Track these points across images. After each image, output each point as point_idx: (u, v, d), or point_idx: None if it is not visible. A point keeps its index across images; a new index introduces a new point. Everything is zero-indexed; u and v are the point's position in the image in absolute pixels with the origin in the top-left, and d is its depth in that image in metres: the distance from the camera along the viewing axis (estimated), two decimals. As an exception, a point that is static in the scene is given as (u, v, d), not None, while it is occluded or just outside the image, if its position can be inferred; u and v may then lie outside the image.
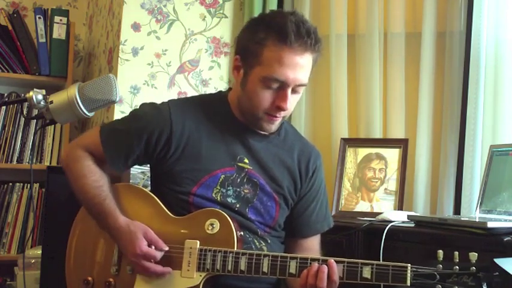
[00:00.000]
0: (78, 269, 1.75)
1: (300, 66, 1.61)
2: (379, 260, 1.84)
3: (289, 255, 1.57)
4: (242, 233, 1.67)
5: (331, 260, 1.53)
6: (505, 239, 1.68)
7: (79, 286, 1.72)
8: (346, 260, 1.52)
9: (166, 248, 1.61)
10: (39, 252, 2.54)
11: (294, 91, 1.65)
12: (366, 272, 1.49)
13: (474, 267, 1.44)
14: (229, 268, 1.58)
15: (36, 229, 3.03)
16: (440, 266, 1.47)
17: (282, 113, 1.67)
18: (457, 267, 1.45)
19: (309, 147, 1.86)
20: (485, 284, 1.43)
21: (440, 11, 2.57)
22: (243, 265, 1.57)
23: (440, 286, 1.45)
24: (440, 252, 1.48)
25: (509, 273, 1.40)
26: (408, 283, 1.46)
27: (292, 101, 1.67)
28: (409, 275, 1.46)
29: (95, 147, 1.74)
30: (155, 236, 1.62)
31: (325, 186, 1.88)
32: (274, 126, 1.71)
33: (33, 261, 2.67)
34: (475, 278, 1.43)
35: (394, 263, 1.49)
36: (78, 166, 1.73)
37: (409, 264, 1.47)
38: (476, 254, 1.46)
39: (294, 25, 1.59)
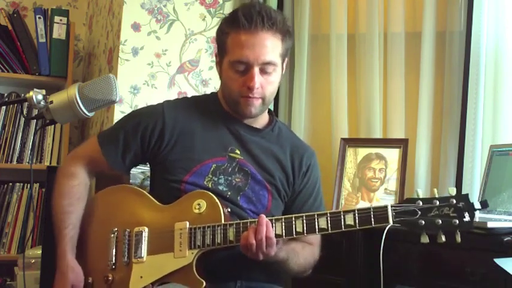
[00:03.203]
0: None
1: (258, 45, 1.70)
2: (380, 262, 1.85)
3: (273, 218, 1.60)
4: (229, 209, 1.70)
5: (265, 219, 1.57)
6: (505, 239, 1.68)
7: None
8: (328, 211, 1.56)
9: None
10: (39, 252, 2.53)
11: (264, 72, 1.72)
12: (349, 219, 1.53)
13: (454, 200, 1.45)
14: (219, 241, 1.61)
15: (36, 229, 3.02)
16: (420, 202, 1.48)
17: (257, 93, 1.72)
18: (437, 202, 1.46)
19: (302, 145, 1.91)
20: (466, 213, 1.44)
21: (440, 11, 2.57)
22: (231, 235, 1.61)
23: (423, 221, 1.46)
24: (419, 190, 1.50)
25: None
26: (391, 222, 1.49)
27: (267, 83, 1.73)
28: (390, 214, 1.49)
29: (94, 153, 1.81)
30: None
31: (321, 185, 1.92)
32: (253, 109, 1.76)
33: (33, 261, 2.66)
34: (456, 208, 1.44)
35: (375, 206, 1.52)
36: (63, 183, 1.80)
37: (389, 204, 1.50)
38: (455, 188, 1.47)
39: (245, 9, 1.73)
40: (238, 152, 1.79)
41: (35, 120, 2.24)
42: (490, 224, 1.73)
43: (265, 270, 1.73)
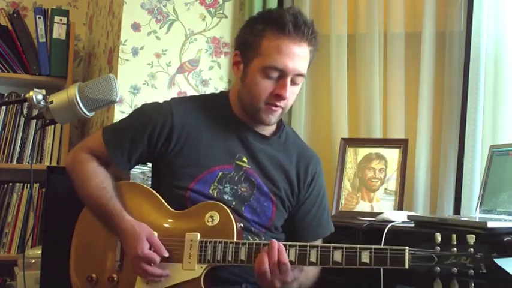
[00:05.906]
0: (81, 266, 1.75)
1: (298, 55, 1.65)
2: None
3: (288, 243, 1.57)
4: (242, 225, 1.67)
5: (279, 244, 1.54)
6: (505, 239, 1.68)
7: (83, 283, 1.72)
8: (344, 245, 1.52)
9: (167, 255, 1.61)
10: (39, 252, 2.54)
11: (293, 82, 1.68)
12: (365, 257, 1.50)
13: (472, 249, 1.44)
14: (230, 258, 1.58)
15: (36, 229, 3.03)
16: (438, 248, 1.47)
17: (282, 103, 1.68)
18: (455, 249, 1.45)
19: (309, 153, 1.87)
20: (483, 265, 1.42)
21: (440, 11, 2.57)
22: (243, 255, 1.58)
23: (438, 268, 1.45)
24: (438, 235, 1.48)
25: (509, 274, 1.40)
26: (406, 266, 1.47)
27: (292, 93, 1.69)
28: (407, 257, 1.47)
29: (99, 148, 1.76)
30: (158, 241, 1.62)
31: (326, 192, 1.89)
32: (273, 118, 1.71)
33: (33, 261, 2.66)
34: (473, 259, 1.43)
35: (392, 247, 1.49)
36: (83, 169, 1.75)
37: (407, 247, 1.47)
38: (474, 236, 1.45)
39: (292, 16, 1.65)
40: (246, 160, 1.75)
41: (35, 120, 2.24)
42: (490, 224, 1.73)
43: None
